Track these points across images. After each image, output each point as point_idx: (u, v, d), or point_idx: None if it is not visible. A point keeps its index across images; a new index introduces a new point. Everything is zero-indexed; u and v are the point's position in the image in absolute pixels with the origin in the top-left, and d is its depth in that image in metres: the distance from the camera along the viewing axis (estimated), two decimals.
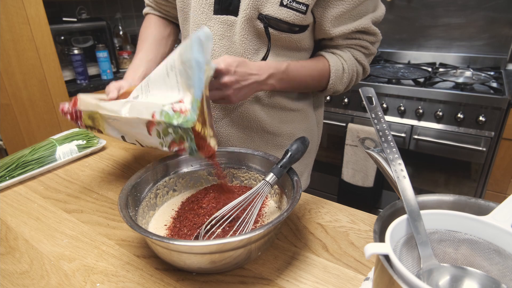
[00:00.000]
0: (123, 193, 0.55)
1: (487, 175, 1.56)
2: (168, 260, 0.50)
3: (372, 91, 0.50)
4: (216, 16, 0.73)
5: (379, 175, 1.71)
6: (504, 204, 0.41)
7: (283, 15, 0.68)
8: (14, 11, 1.53)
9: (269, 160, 0.65)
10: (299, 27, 0.72)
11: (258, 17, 0.70)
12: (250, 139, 0.84)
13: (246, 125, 0.82)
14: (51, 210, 0.71)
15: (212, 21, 0.74)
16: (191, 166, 0.69)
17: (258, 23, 0.71)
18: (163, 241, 0.44)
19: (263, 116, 0.81)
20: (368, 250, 0.36)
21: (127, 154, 0.95)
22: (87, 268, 0.55)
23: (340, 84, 0.80)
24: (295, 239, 0.60)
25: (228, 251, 0.46)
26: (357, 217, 0.65)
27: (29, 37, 1.58)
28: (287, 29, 0.71)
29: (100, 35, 2.09)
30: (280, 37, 0.72)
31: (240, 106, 0.80)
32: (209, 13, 0.74)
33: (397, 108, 1.62)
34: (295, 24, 0.70)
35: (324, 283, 0.50)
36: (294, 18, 0.69)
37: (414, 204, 0.42)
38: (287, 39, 0.73)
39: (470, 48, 1.88)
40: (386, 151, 0.45)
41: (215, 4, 0.73)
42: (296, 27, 0.71)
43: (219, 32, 0.74)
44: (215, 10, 0.73)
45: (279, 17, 0.68)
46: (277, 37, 0.72)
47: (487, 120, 1.45)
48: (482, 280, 0.40)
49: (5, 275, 0.54)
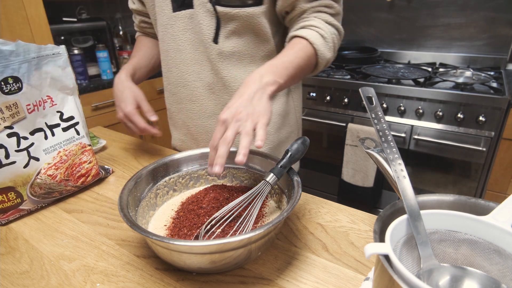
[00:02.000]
0: (123, 193, 0.55)
1: (487, 175, 1.56)
2: (168, 260, 0.50)
3: (372, 91, 0.50)
4: (175, 13, 0.77)
5: (379, 175, 1.71)
6: (504, 204, 0.41)
7: None
8: (14, 11, 1.53)
9: (269, 160, 0.65)
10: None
11: (208, 0, 0.71)
12: None
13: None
14: (51, 210, 0.71)
15: (173, 19, 0.78)
16: (191, 166, 0.69)
17: (209, 6, 0.71)
18: (163, 241, 0.44)
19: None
20: (368, 250, 0.36)
21: (127, 154, 0.95)
22: (87, 268, 0.55)
23: (327, 51, 0.76)
24: (295, 239, 0.60)
25: (228, 251, 0.46)
26: (357, 217, 0.65)
27: (29, 37, 1.58)
28: (240, 4, 0.70)
29: (100, 35, 2.09)
30: (232, 14, 0.71)
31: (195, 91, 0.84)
32: (169, 12, 0.78)
33: (397, 108, 1.62)
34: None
35: (324, 283, 0.50)
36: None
37: (414, 204, 0.42)
38: (241, 16, 0.71)
39: (470, 48, 1.88)
40: (386, 151, 0.45)
41: (172, 3, 0.76)
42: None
43: (181, 28, 0.78)
44: (173, 8, 0.77)
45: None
46: (229, 15, 0.71)
47: (487, 120, 1.45)
48: (482, 280, 0.40)
49: (5, 275, 0.54)
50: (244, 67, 0.81)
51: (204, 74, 0.82)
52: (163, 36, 0.82)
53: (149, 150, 0.96)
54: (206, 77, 0.82)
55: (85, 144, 0.76)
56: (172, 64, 0.84)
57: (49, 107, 0.69)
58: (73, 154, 0.73)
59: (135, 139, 1.05)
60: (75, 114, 0.74)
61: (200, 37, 0.78)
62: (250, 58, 0.81)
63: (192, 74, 0.83)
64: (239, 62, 0.81)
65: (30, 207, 0.69)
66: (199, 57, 0.80)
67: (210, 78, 0.82)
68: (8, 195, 0.64)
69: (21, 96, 0.63)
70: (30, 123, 0.66)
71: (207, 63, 0.80)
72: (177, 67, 0.84)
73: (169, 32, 0.81)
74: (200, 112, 0.87)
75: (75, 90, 0.74)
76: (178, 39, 0.80)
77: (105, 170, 0.83)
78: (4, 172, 0.63)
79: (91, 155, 0.77)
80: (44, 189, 0.69)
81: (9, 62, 0.61)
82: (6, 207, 0.65)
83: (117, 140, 1.05)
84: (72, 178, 0.73)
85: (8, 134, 0.62)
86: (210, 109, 0.85)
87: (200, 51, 0.80)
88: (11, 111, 0.62)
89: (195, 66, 0.82)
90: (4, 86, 0.60)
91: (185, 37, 0.79)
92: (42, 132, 0.68)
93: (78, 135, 0.74)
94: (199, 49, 0.80)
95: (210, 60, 0.80)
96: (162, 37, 0.83)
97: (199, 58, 0.81)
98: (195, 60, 0.81)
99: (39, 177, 0.67)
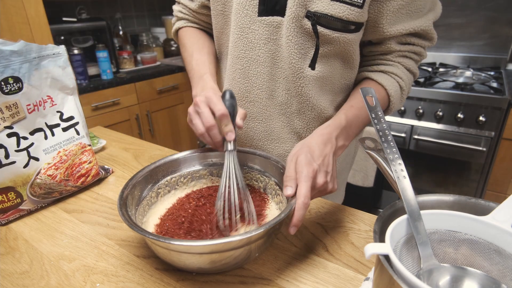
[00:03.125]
0: (123, 192, 0.55)
1: (487, 175, 1.56)
2: (168, 260, 0.50)
3: (372, 91, 0.50)
4: (261, 18, 0.66)
5: (379, 175, 1.71)
6: (504, 204, 0.41)
7: (335, 10, 0.60)
8: (14, 11, 1.53)
9: (270, 161, 0.65)
10: (355, 25, 0.63)
11: (305, 15, 0.62)
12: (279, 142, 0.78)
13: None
14: (51, 210, 0.71)
15: (256, 24, 0.67)
16: (193, 166, 0.69)
17: (305, 22, 0.63)
18: (162, 240, 0.44)
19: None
20: (368, 250, 0.36)
21: (127, 154, 0.95)
22: (87, 268, 0.55)
23: (399, 104, 0.73)
24: (295, 239, 0.60)
25: (228, 250, 0.46)
26: (357, 217, 0.65)
27: (29, 37, 1.58)
28: (341, 28, 0.63)
29: (100, 35, 2.09)
30: (332, 38, 0.64)
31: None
32: (253, 15, 0.67)
33: None
34: (350, 20, 0.61)
35: (324, 283, 0.50)
36: (348, 13, 0.60)
37: (414, 204, 0.42)
38: (340, 41, 0.64)
39: (470, 48, 1.88)
40: (386, 151, 0.45)
41: (260, 5, 0.65)
42: (351, 24, 0.62)
43: (264, 36, 0.67)
44: (259, 11, 0.66)
45: (331, 13, 0.60)
46: (327, 38, 0.64)
47: (487, 120, 1.45)
48: (482, 280, 0.40)
49: (5, 275, 0.54)
50: (324, 95, 0.73)
51: (278, 92, 0.72)
52: (237, 40, 0.70)
53: (149, 150, 0.96)
54: (280, 96, 0.72)
55: (85, 144, 0.76)
56: (242, 74, 0.72)
57: (49, 107, 0.69)
58: (73, 154, 0.73)
59: (135, 139, 1.05)
60: (75, 114, 0.74)
61: (281, 51, 0.68)
62: (331, 86, 0.73)
63: (265, 90, 0.72)
64: (320, 89, 0.71)
65: (30, 207, 0.69)
66: (278, 72, 0.70)
67: (284, 98, 0.72)
68: (8, 195, 0.64)
69: (21, 96, 0.63)
70: (30, 123, 0.66)
71: (283, 80, 0.70)
72: (248, 79, 0.72)
73: (248, 38, 0.69)
74: (264, 132, 0.77)
75: (75, 90, 0.74)
76: (258, 48, 0.69)
77: (105, 170, 0.83)
78: (4, 172, 0.63)
79: (91, 155, 0.77)
80: (44, 189, 0.69)
81: (9, 62, 0.61)
82: (6, 207, 0.65)
83: (117, 140, 1.05)
84: (72, 178, 0.73)
85: (8, 134, 0.62)
86: (277, 131, 0.76)
87: (280, 67, 0.69)
88: (11, 111, 0.62)
89: (270, 82, 0.71)
90: (4, 86, 0.60)
91: (266, 48, 0.68)
92: (42, 132, 0.68)
93: (78, 135, 0.74)
94: (279, 64, 0.69)
95: (288, 78, 0.70)
96: (235, 41, 0.70)
97: (276, 73, 0.70)
98: (272, 75, 0.70)
99: (39, 177, 0.67)
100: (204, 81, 0.68)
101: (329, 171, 0.56)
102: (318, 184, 0.53)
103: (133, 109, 2.11)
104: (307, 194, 0.50)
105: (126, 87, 2.04)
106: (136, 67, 2.29)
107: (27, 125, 0.65)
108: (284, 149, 0.77)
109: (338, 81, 0.73)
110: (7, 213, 0.65)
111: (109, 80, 2.00)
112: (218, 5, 0.71)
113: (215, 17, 0.74)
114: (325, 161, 0.56)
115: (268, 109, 0.74)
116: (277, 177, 0.63)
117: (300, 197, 0.50)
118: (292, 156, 0.56)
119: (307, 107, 0.72)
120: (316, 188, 0.53)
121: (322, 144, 0.57)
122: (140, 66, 2.32)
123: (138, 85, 2.10)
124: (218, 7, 0.72)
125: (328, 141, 0.58)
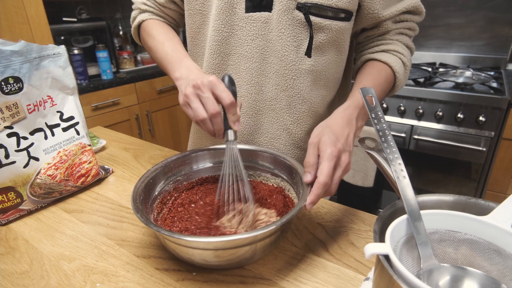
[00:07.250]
0: (137, 186, 0.57)
1: (487, 175, 1.56)
2: (177, 251, 0.51)
3: (372, 91, 0.51)
4: (248, 14, 0.66)
5: (379, 175, 1.71)
6: (504, 204, 0.41)
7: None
8: (14, 11, 1.53)
9: (278, 159, 0.65)
10: (345, 13, 0.65)
11: (296, 7, 0.63)
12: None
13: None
14: (51, 210, 0.71)
15: (243, 21, 0.67)
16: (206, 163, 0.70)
17: (297, 14, 0.63)
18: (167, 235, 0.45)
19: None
20: (368, 250, 0.36)
21: (127, 154, 0.95)
22: (87, 268, 0.55)
23: (405, 80, 0.74)
24: (295, 239, 0.60)
25: (235, 247, 0.47)
26: (357, 217, 0.65)
27: (29, 37, 1.59)
28: (332, 16, 0.64)
29: (100, 35, 2.09)
30: (324, 26, 0.65)
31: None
32: (240, 12, 0.66)
33: (397, 108, 1.62)
34: (339, 8, 0.63)
35: (324, 283, 0.50)
36: (337, 0, 0.62)
37: (414, 204, 0.42)
38: (332, 29, 0.65)
39: (470, 48, 1.88)
40: (386, 151, 0.45)
41: (247, 2, 0.66)
42: (341, 12, 0.64)
43: (251, 32, 0.67)
44: (246, 7, 0.66)
45: (321, 2, 0.62)
46: (320, 26, 0.64)
47: (487, 120, 1.45)
48: (482, 280, 0.40)
49: (5, 275, 0.54)
50: (316, 89, 0.73)
51: (268, 87, 0.72)
52: (228, 37, 0.69)
53: (149, 150, 0.96)
54: (269, 92, 0.72)
55: (85, 144, 0.76)
56: (231, 71, 0.72)
57: (49, 107, 0.69)
58: (73, 154, 0.73)
59: (135, 139, 1.05)
60: (75, 114, 0.74)
61: (271, 46, 0.68)
62: (325, 80, 0.73)
63: (255, 86, 0.72)
64: (313, 82, 0.71)
65: (30, 207, 0.69)
66: (267, 68, 0.70)
67: (273, 93, 0.72)
68: (8, 195, 0.64)
69: (22, 96, 0.63)
70: (30, 123, 0.66)
71: (273, 75, 0.70)
72: (238, 75, 0.72)
73: (238, 35, 0.69)
74: (254, 127, 0.76)
75: (75, 90, 0.74)
76: (246, 44, 0.69)
77: (105, 170, 0.83)
78: (4, 172, 0.63)
79: (91, 155, 0.77)
80: (44, 189, 0.69)
81: (10, 62, 0.61)
82: (6, 207, 0.65)
83: (117, 140, 1.05)
84: (72, 178, 0.73)
85: (8, 134, 0.62)
86: (266, 126, 0.76)
87: (269, 62, 0.69)
88: (11, 111, 0.62)
89: (259, 78, 0.71)
90: (4, 86, 0.60)
91: (255, 44, 0.68)
92: (42, 132, 0.68)
93: (78, 135, 0.74)
94: (269, 59, 0.69)
95: (278, 73, 0.70)
96: (224, 38, 0.70)
97: (266, 68, 0.70)
98: (261, 70, 0.70)
99: (39, 177, 0.67)
100: (186, 64, 0.66)
101: (352, 152, 0.58)
102: (344, 163, 0.55)
103: (133, 109, 2.11)
104: (328, 173, 0.51)
105: (126, 87, 2.04)
106: (136, 67, 2.29)
107: (27, 125, 0.65)
108: (273, 144, 0.77)
109: (332, 75, 0.73)
110: (7, 213, 0.65)
111: (109, 80, 2.00)
112: (196, 4, 0.70)
113: (192, 16, 0.72)
114: (348, 141, 0.57)
115: (257, 104, 0.73)
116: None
117: (321, 175, 0.51)
118: (314, 138, 0.56)
119: (298, 101, 0.72)
120: (341, 166, 0.54)
121: (344, 125, 0.59)
122: (140, 66, 2.32)
123: (138, 85, 2.10)
124: (196, 6, 0.71)
125: (349, 122, 0.60)
